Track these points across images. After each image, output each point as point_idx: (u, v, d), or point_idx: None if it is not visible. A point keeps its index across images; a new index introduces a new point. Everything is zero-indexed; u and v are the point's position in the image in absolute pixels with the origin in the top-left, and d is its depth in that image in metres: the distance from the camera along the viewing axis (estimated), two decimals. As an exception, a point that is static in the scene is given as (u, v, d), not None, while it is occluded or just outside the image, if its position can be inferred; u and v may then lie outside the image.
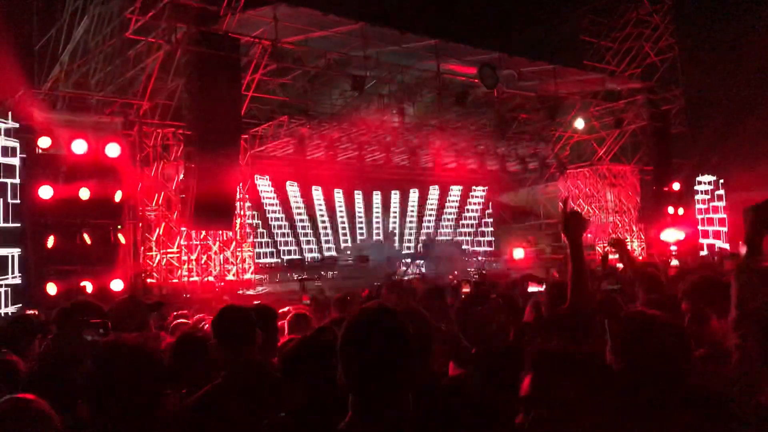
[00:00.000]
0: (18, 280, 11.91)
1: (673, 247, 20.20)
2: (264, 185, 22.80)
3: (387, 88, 18.31)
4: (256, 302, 5.50)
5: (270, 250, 22.21)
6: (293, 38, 14.76)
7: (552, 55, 18.97)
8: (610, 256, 10.16)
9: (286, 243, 23.07)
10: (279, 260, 21.84)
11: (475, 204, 28.64)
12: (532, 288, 7.22)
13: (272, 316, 4.17)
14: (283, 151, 19.10)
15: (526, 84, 18.86)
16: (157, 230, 14.82)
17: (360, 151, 18.90)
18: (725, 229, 22.82)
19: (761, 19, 20.94)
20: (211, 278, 15.56)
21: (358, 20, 15.02)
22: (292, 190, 23.92)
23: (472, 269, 21.14)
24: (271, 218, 22.98)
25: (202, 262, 15.57)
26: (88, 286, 11.80)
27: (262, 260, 20.94)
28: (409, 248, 26.00)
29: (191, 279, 15.10)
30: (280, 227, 23.12)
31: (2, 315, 11.25)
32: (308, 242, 23.94)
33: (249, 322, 3.35)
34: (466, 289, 5.79)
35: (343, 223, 25.26)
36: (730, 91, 22.05)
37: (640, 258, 20.58)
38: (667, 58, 21.80)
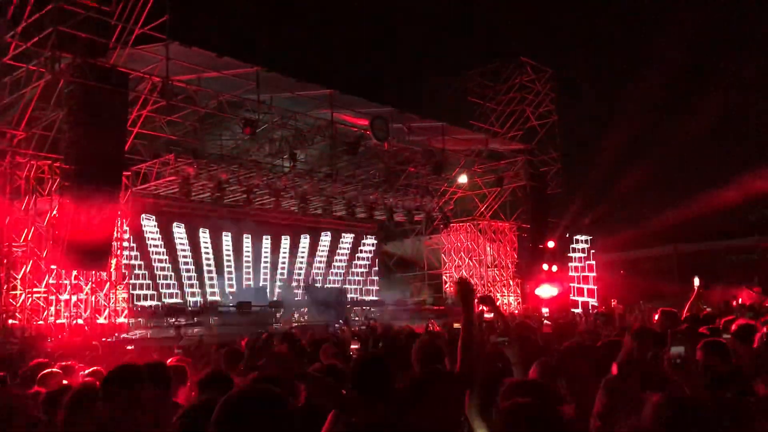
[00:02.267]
0: None
1: (545, 309, 21.13)
2: (149, 226, 21.99)
3: (279, 133, 18.28)
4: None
5: (151, 292, 21.31)
6: (185, 77, 14.50)
7: (440, 113, 19.73)
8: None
9: (167, 286, 22.23)
10: (159, 303, 20.97)
11: (366, 252, 28.91)
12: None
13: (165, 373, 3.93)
14: (167, 190, 18.49)
15: (415, 139, 19.44)
16: (24, 268, 13.83)
17: (248, 194, 18.59)
18: (595, 287, 24.15)
19: (631, 94, 22.82)
20: (80, 321, 14.63)
21: (254, 65, 14.99)
22: (179, 232, 23.20)
23: (359, 318, 21.17)
24: (154, 259, 22.12)
25: (72, 303, 14.63)
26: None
27: (141, 302, 20.09)
28: (295, 294, 25.72)
29: (58, 321, 14.14)
30: (162, 269, 22.28)
31: None
32: (191, 286, 23.18)
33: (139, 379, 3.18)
34: (354, 346, 5.75)
35: (229, 267, 24.70)
36: (601, 158, 23.75)
37: (515, 312, 21.38)
38: (546, 123, 23.15)
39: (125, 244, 16.68)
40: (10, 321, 13.33)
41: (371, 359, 3.15)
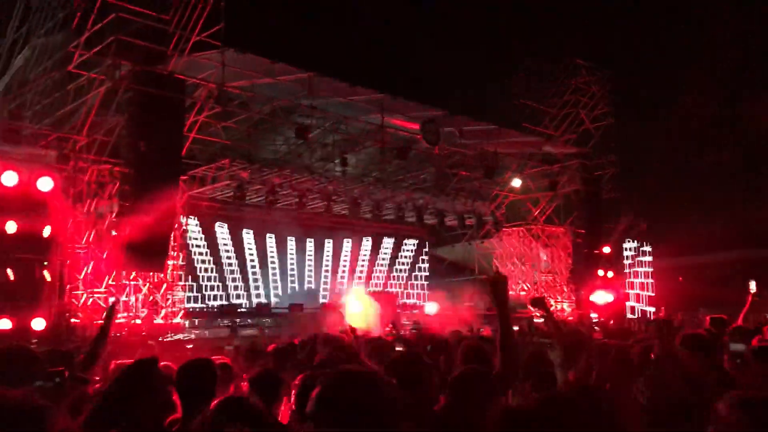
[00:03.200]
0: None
1: (594, 315, 20.71)
2: (203, 228, 22.46)
3: (331, 137, 18.47)
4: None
5: (194, 294, 21.70)
6: (239, 83, 14.81)
7: (493, 116, 19.56)
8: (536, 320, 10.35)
9: (212, 288, 22.64)
10: (204, 306, 21.37)
11: (407, 257, 28.93)
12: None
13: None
14: (222, 194, 18.90)
15: (466, 142, 19.34)
16: (85, 269, 14.31)
17: (301, 198, 18.85)
18: (652, 294, 23.57)
19: (691, 94, 22.21)
20: (137, 321, 15.06)
21: (307, 70, 15.18)
22: (222, 233, 23.61)
23: (408, 322, 21.14)
24: (197, 260, 22.52)
25: (131, 303, 15.08)
26: (6, 323, 11.23)
27: (185, 305, 20.53)
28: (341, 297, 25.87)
29: (117, 321, 14.56)
30: (206, 270, 22.69)
31: None
32: (236, 288, 23.56)
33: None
34: (399, 348, 5.74)
35: (274, 269, 25.04)
36: (659, 161, 23.16)
37: (569, 319, 21.02)
38: (601, 125, 22.71)
39: (182, 245, 17.08)
40: (72, 320, 13.78)
41: (406, 357, 3.15)
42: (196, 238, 22.54)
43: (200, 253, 22.56)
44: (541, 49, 24.02)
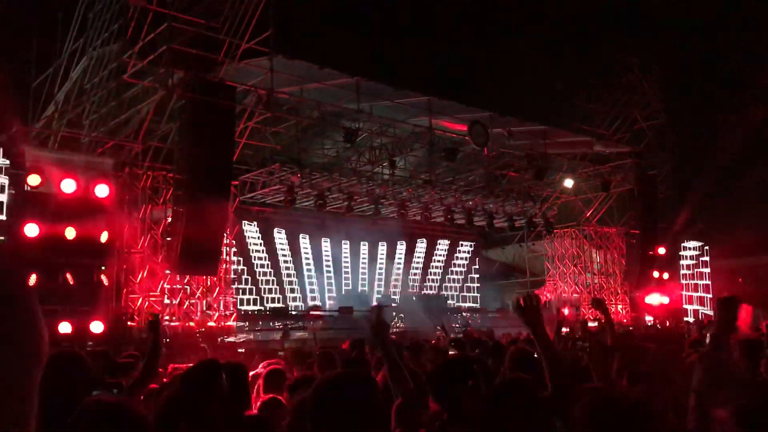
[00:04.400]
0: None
1: (649, 318, 20.20)
2: (252, 232, 22.81)
3: (378, 140, 18.52)
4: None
5: (253, 297, 22.09)
6: (288, 88, 14.98)
7: (542, 116, 19.28)
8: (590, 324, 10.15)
9: (270, 291, 22.97)
10: (262, 308, 21.70)
11: (462, 259, 28.75)
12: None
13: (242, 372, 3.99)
14: (273, 198, 19.15)
15: (515, 143, 19.13)
16: (141, 273, 14.68)
17: (349, 202, 18.95)
18: (709, 295, 22.89)
19: (746, 90, 21.47)
20: (191, 323, 15.36)
21: (353, 74, 15.27)
22: (279, 237, 23.95)
23: (458, 325, 21.04)
24: (257, 264, 22.93)
25: (185, 306, 15.40)
26: (66, 327, 11.60)
27: (244, 307, 20.82)
28: (394, 300, 25.95)
29: (172, 324, 14.90)
30: (264, 274, 23.06)
31: None
32: (292, 290, 23.85)
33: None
34: (452, 352, 5.71)
35: (329, 272, 25.24)
36: (715, 159, 22.44)
37: (624, 321, 20.59)
38: (655, 124, 22.18)
39: (233, 249, 17.36)
40: (129, 323, 14.15)
41: (453, 361, 3.11)
42: (256, 243, 22.93)
43: (259, 258, 22.95)
44: (592, 47, 23.54)
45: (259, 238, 23.24)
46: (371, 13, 24.03)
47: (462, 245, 28.61)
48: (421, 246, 27.94)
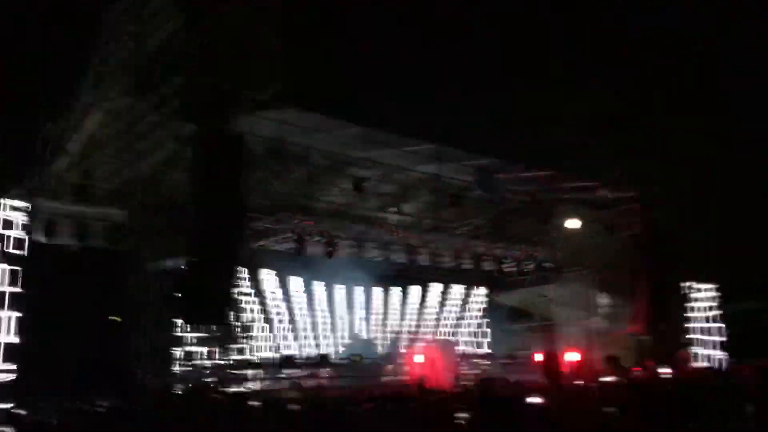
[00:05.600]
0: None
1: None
2: (263, 279, 22.86)
3: (386, 187, 18.68)
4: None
5: (270, 344, 21.95)
6: (298, 138, 15.20)
7: (548, 161, 19.40)
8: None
9: (284, 338, 22.92)
10: (277, 355, 21.55)
11: (475, 304, 28.70)
12: (531, 399, 7.18)
13: None
14: (282, 245, 19.25)
15: (521, 189, 19.25)
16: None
17: (358, 248, 19.04)
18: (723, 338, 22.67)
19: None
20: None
21: (360, 124, 15.52)
22: (291, 284, 23.99)
23: (472, 371, 20.91)
24: (264, 311, 22.89)
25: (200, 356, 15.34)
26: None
27: (261, 354, 20.76)
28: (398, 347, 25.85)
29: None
30: (280, 321, 23.00)
31: None
32: (305, 337, 23.78)
33: None
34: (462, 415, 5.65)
35: (342, 319, 25.23)
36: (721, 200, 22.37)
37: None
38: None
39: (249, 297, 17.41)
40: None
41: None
42: (263, 290, 22.99)
43: (266, 304, 22.97)
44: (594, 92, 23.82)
45: (267, 284, 23.28)
46: (375, 63, 24.47)
47: (474, 290, 28.59)
48: (432, 291, 27.97)
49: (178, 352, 16.44)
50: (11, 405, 11.99)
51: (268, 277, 22.95)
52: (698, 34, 24.30)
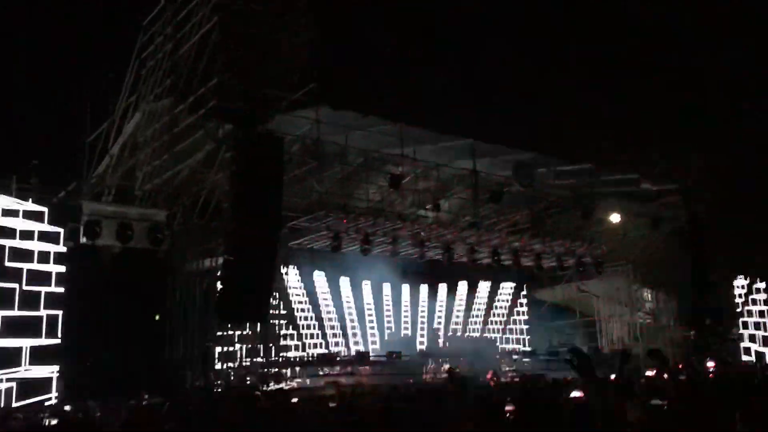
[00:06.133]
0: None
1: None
2: (295, 277, 22.94)
3: (423, 184, 18.60)
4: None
5: (295, 342, 21.95)
6: (333, 137, 15.25)
7: (588, 154, 19.10)
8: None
9: (312, 336, 22.95)
10: (304, 354, 21.61)
11: (505, 300, 28.44)
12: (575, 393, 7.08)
13: None
14: (319, 243, 19.33)
15: (561, 183, 18.99)
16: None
17: (394, 245, 19.00)
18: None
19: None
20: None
21: (397, 121, 15.48)
22: (321, 283, 24.02)
23: (507, 368, 20.72)
24: (297, 309, 22.94)
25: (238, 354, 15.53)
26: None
27: (290, 353, 20.83)
28: (438, 343, 25.77)
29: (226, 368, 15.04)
30: (306, 319, 23.03)
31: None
32: (335, 335, 23.79)
33: None
34: (509, 408, 5.58)
35: (371, 316, 25.20)
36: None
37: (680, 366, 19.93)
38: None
39: (282, 295, 17.54)
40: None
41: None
42: (296, 287, 23.06)
43: (300, 302, 23.03)
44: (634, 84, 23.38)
45: (299, 282, 23.33)
46: (412, 59, 24.41)
47: (508, 286, 28.31)
48: (462, 287, 27.78)
49: (219, 350, 16.62)
50: (56, 401, 12.30)
51: (303, 275, 23.06)
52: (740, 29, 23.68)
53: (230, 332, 16.59)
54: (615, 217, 21.19)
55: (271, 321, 16.76)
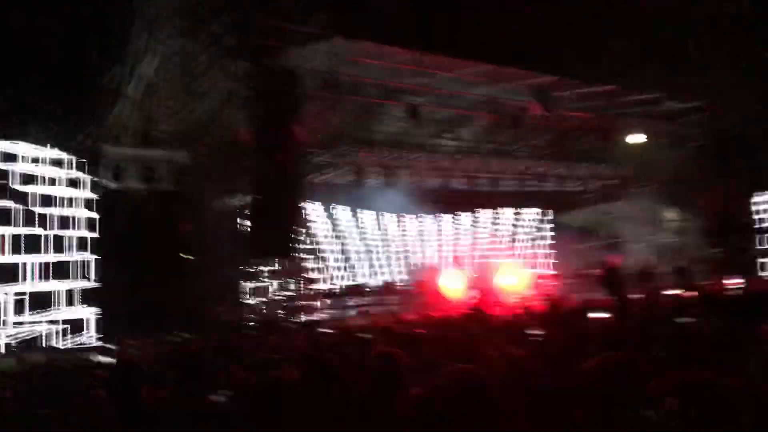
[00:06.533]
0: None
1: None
2: (317, 211, 23.10)
3: (442, 113, 18.42)
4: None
5: (323, 276, 22.30)
6: (349, 69, 15.06)
7: (609, 75, 18.65)
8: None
9: (340, 269, 23.28)
10: (332, 287, 21.97)
11: (529, 226, 28.44)
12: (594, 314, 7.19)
13: None
14: (341, 178, 19.39)
15: (582, 105, 18.67)
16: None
17: (418, 176, 19.00)
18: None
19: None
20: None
21: (413, 49, 15.20)
22: (345, 216, 24.18)
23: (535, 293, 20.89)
24: (324, 243, 23.20)
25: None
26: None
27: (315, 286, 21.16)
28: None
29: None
30: (333, 252, 23.34)
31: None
32: (361, 267, 24.11)
33: None
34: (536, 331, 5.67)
35: (397, 247, 25.41)
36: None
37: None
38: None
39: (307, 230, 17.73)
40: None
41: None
42: (321, 222, 23.28)
43: (325, 236, 23.29)
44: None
45: (325, 217, 23.52)
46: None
47: (527, 213, 28.27)
48: (486, 215, 27.79)
49: (249, 286, 16.97)
50: (98, 341, 12.76)
51: (320, 209, 23.21)
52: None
53: (259, 268, 16.86)
54: (639, 138, 20.85)
55: (299, 255, 16.97)
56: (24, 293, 12.65)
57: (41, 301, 12.60)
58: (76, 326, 13.04)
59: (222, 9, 13.37)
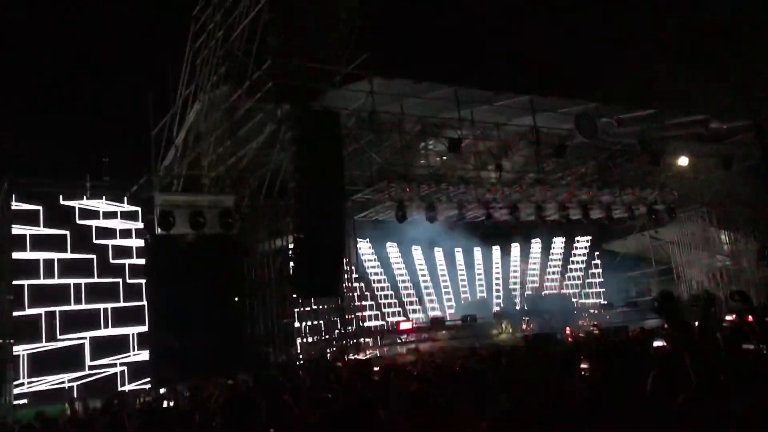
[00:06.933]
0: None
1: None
2: (365, 249, 23.21)
3: (483, 145, 18.41)
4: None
5: (374, 312, 22.37)
6: (388, 107, 15.23)
7: (651, 99, 18.48)
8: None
9: (389, 305, 23.25)
10: (384, 323, 21.95)
11: (580, 255, 28.01)
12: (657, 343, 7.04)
13: None
14: (384, 215, 19.47)
15: (625, 130, 18.46)
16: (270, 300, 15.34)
17: (459, 209, 18.93)
18: None
19: None
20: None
21: (451, 84, 15.33)
22: (393, 252, 24.21)
23: (586, 324, 20.51)
24: (374, 281, 23.26)
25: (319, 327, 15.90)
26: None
27: (371, 323, 21.18)
28: (515, 303, 25.68)
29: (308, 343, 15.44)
30: (382, 289, 23.35)
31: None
32: (411, 303, 24.05)
33: None
34: (584, 365, 5.52)
35: (445, 282, 25.27)
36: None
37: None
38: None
39: (357, 267, 17.79)
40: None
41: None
42: (370, 260, 23.37)
43: (375, 273, 23.36)
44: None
45: (373, 254, 23.63)
46: (459, 21, 24.02)
47: (583, 240, 27.87)
48: (536, 246, 27.49)
49: (298, 326, 17.06)
50: (149, 385, 12.94)
51: (369, 246, 23.31)
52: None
53: (308, 308, 16.95)
54: (684, 160, 20.49)
55: (348, 293, 17.02)
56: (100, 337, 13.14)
57: (113, 346, 13.07)
58: (135, 368, 13.32)
59: (263, 55, 13.69)
